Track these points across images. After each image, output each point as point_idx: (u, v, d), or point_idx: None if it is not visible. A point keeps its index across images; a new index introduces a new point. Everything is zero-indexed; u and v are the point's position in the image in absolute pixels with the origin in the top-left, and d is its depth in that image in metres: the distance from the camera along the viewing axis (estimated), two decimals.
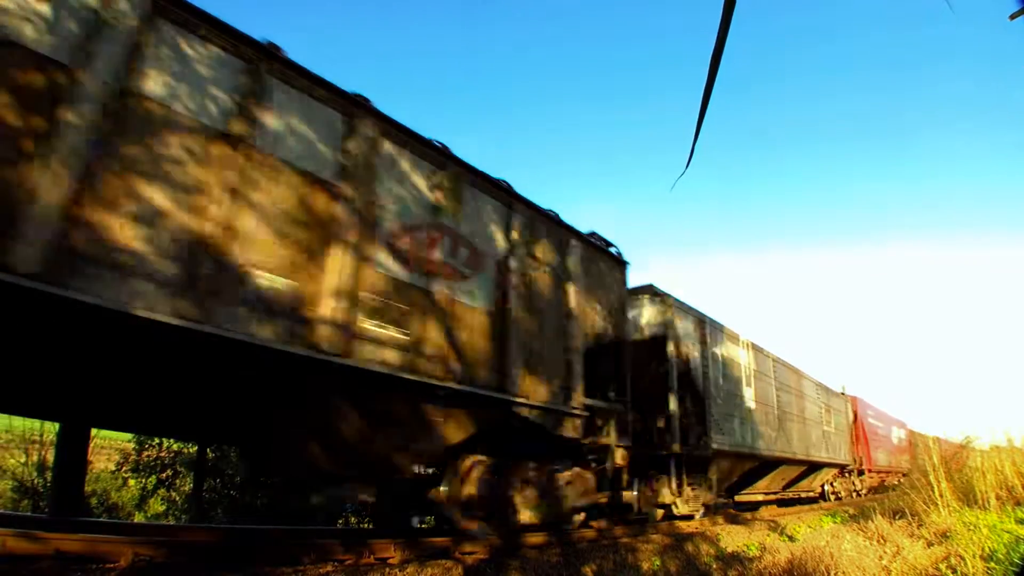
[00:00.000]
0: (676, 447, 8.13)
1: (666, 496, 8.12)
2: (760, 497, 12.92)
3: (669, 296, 8.85)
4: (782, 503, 14.06)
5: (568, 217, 7.22)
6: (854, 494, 18.00)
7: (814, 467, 14.56)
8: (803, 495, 15.27)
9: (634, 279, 8.95)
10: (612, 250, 7.47)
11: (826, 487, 16.68)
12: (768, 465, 11.81)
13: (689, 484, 8.63)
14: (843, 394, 18.58)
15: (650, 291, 8.95)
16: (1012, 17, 0.99)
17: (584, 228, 7.10)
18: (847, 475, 17.97)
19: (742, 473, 10.87)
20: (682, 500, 8.36)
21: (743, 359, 11.11)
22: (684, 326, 9.09)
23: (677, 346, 8.70)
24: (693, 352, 9.19)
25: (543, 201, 7.35)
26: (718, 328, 10.29)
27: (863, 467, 18.93)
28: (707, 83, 0.92)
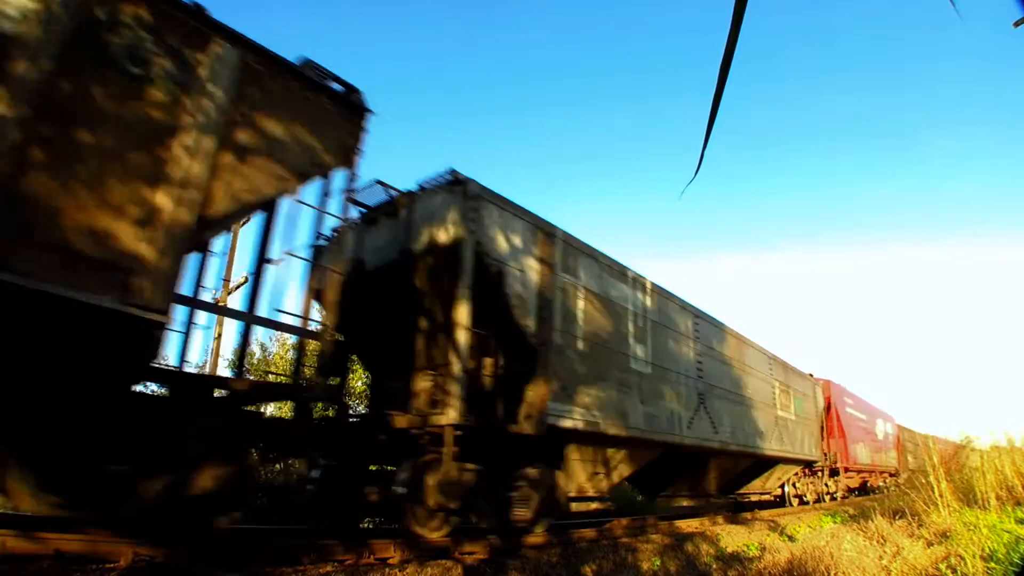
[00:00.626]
0: (452, 413, 5.02)
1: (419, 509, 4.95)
2: (688, 501, 10.33)
3: (473, 183, 5.68)
4: (730, 510, 11.45)
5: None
6: (826, 497, 15.29)
7: (764, 463, 11.48)
8: (754, 498, 12.71)
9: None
10: (336, 88, 4.86)
11: (787, 488, 13.75)
12: (687, 457, 8.87)
13: (517, 485, 5.78)
14: (811, 376, 15.13)
15: (449, 179, 5.83)
16: (1016, 24, 0.99)
17: None
18: (817, 474, 15.09)
19: (642, 465, 7.73)
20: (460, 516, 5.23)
21: (633, 303, 7.62)
22: (505, 235, 5.92)
23: (485, 263, 5.59)
24: (524, 276, 5.96)
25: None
26: (580, 250, 6.90)
27: (838, 464, 16.01)
28: (716, 90, 0.91)
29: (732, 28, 0.86)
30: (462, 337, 5.29)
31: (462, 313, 5.36)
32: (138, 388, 4.12)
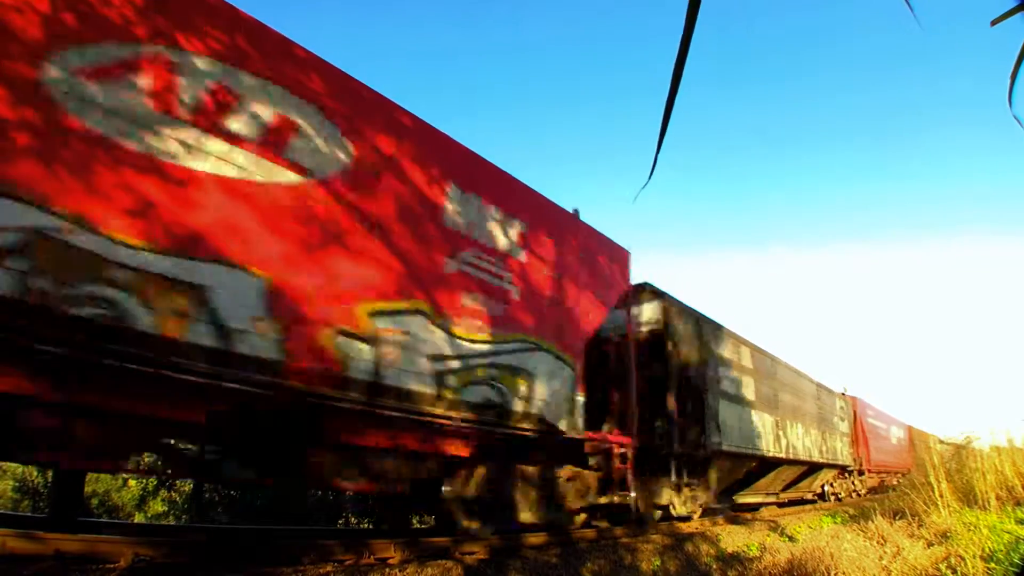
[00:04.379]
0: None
1: None
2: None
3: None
4: None
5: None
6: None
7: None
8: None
9: None
10: None
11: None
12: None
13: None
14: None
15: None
16: (994, 23, 0.98)
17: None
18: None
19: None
20: None
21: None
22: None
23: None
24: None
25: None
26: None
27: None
28: (670, 92, 0.89)
29: (685, 29, 0.83)
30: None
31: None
32: None
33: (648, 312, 8.06)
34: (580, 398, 6.39)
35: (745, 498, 11.27)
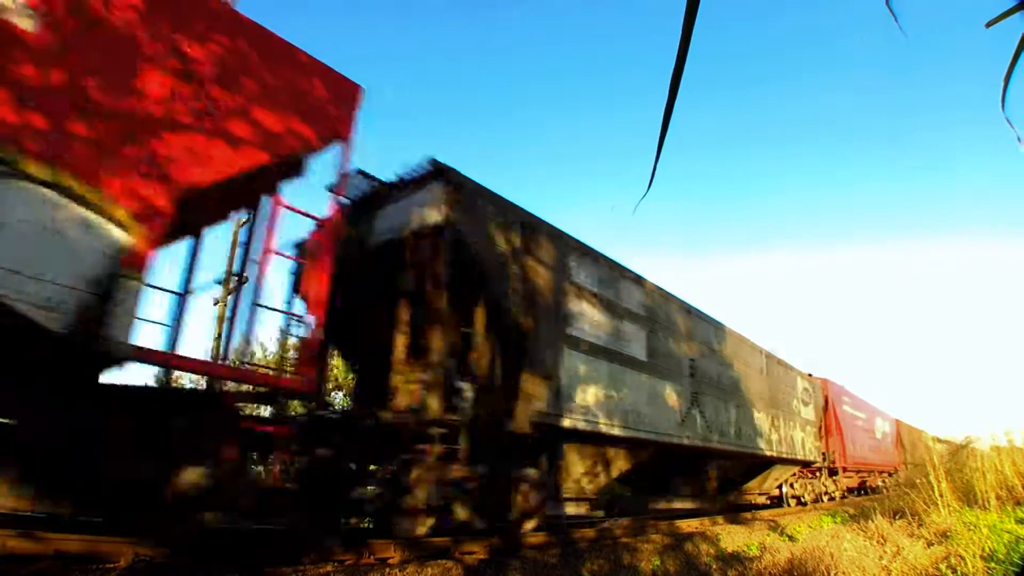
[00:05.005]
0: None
1: None
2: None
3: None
4: None
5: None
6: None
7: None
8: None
9: None
10: None
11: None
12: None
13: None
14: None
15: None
16: (988, 25, 0.99)
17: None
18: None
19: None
20: None
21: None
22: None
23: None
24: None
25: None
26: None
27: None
28: (668, 102, 0.88)
29: (683, 33, 0.83)
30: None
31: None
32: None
33: (423, 201, 5.30)
34: (135, 284, 3.42)
35: (658, 503, 8.45)
